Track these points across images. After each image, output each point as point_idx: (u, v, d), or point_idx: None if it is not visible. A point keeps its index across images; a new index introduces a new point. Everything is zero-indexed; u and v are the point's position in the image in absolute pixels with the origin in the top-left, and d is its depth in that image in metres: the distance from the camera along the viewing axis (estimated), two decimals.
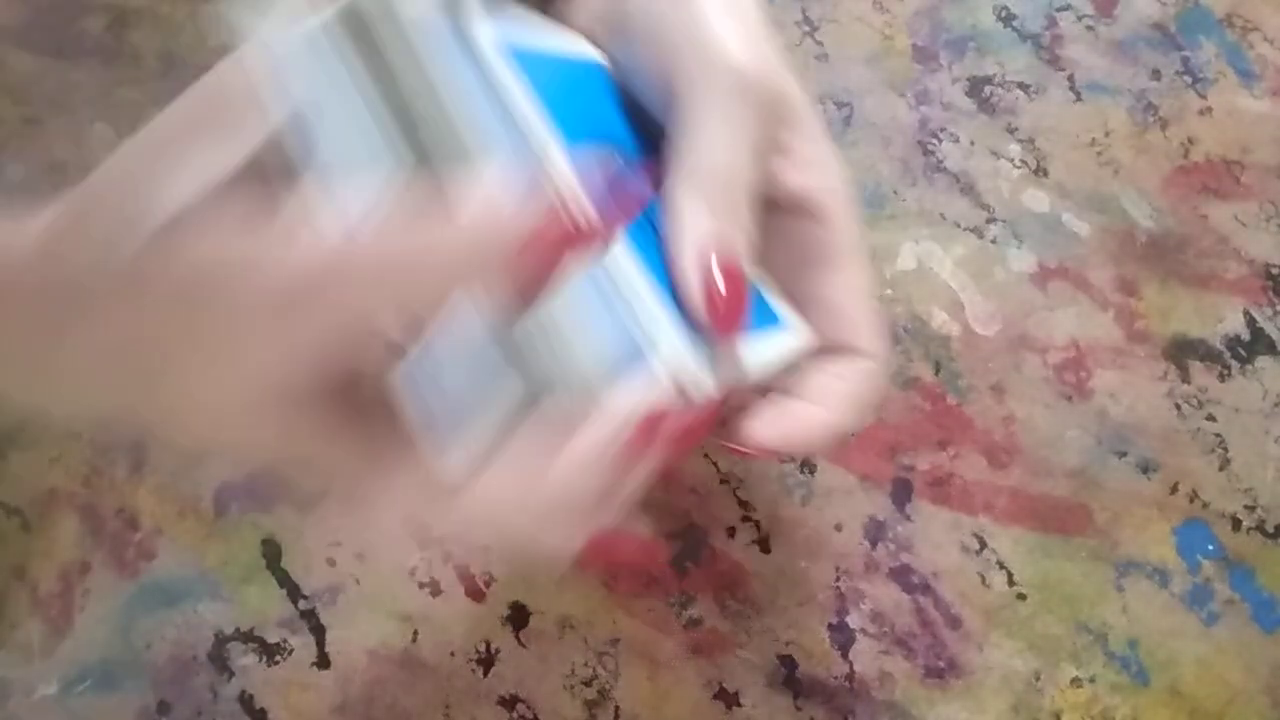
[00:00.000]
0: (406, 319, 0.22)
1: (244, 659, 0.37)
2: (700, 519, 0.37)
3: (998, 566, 0.36)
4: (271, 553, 0.38)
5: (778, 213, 0.30)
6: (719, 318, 0.26)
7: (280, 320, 0.20)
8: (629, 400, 0.23)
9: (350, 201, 0.21)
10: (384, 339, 0.22)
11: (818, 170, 0.30)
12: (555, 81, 0.27)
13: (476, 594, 0.37)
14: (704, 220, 0.27)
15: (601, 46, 0.32)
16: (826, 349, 0.31)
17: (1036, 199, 0.40)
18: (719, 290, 0.26)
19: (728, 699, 0.35)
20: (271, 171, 0.22)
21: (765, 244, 0.31)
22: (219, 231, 0.20)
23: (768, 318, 0.30)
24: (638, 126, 0.31)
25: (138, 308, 0.20)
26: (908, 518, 0.36)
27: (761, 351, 0.28)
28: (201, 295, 0.20)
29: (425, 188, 0.21)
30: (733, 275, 0.26)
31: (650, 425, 0.23)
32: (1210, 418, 0.37)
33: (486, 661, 0.36)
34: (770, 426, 0.29)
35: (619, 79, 0.32)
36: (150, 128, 0.23)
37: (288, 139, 0.22)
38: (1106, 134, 0.41)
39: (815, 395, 0.30)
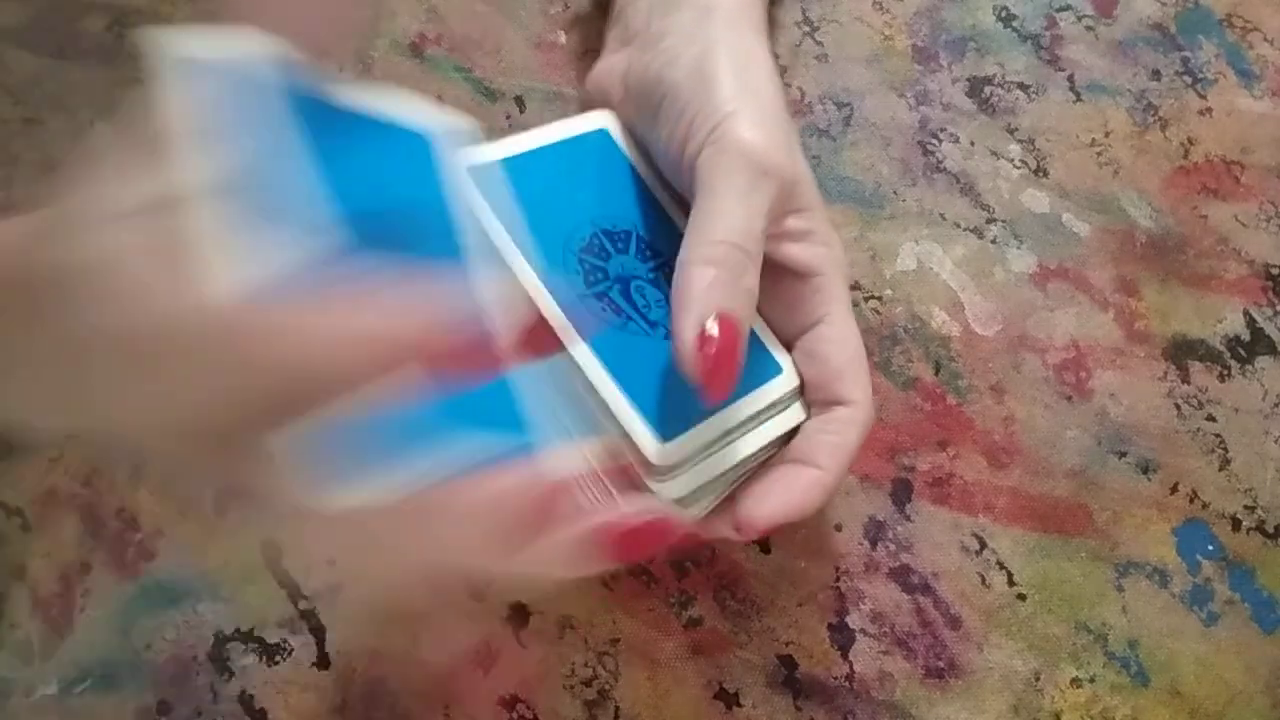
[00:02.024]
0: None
1: (244, 659, 0.37)
2: None
3: (998, 566, 0.36)
4: (271, 553, 0.38)
5: (776, 274, 0.32)
6: (709, 369, 0.26)
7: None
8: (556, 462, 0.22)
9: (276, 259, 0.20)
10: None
11: (816, 238, 0.32)
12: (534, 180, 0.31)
13: (476, 594, 0.37)
14: (710, 282, 0.27)
15: (623, 110, 0.35)
16: (816, 403, 0.32)
17: (1036, 199, 0.40)
18: (713, 339, 0.26)
19: (728, 699, 0.35)
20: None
21: (765, 301, 0.33)
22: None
23: (766, 367, 0.32)
24: (643, 182, 0.34)
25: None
26: (908, 518, 0.36)
27: (755, 401, 0.30)
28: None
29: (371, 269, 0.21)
30: (729, 327, 0.27)
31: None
32: (1210, 418, 0.37)
33: (486, 662, 0.36)
34: (767, 504, 0.30)
35: (634, 133, 0.34)
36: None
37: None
38: (1106, 134, 0.41)
39: (807, 456, 0.31)
